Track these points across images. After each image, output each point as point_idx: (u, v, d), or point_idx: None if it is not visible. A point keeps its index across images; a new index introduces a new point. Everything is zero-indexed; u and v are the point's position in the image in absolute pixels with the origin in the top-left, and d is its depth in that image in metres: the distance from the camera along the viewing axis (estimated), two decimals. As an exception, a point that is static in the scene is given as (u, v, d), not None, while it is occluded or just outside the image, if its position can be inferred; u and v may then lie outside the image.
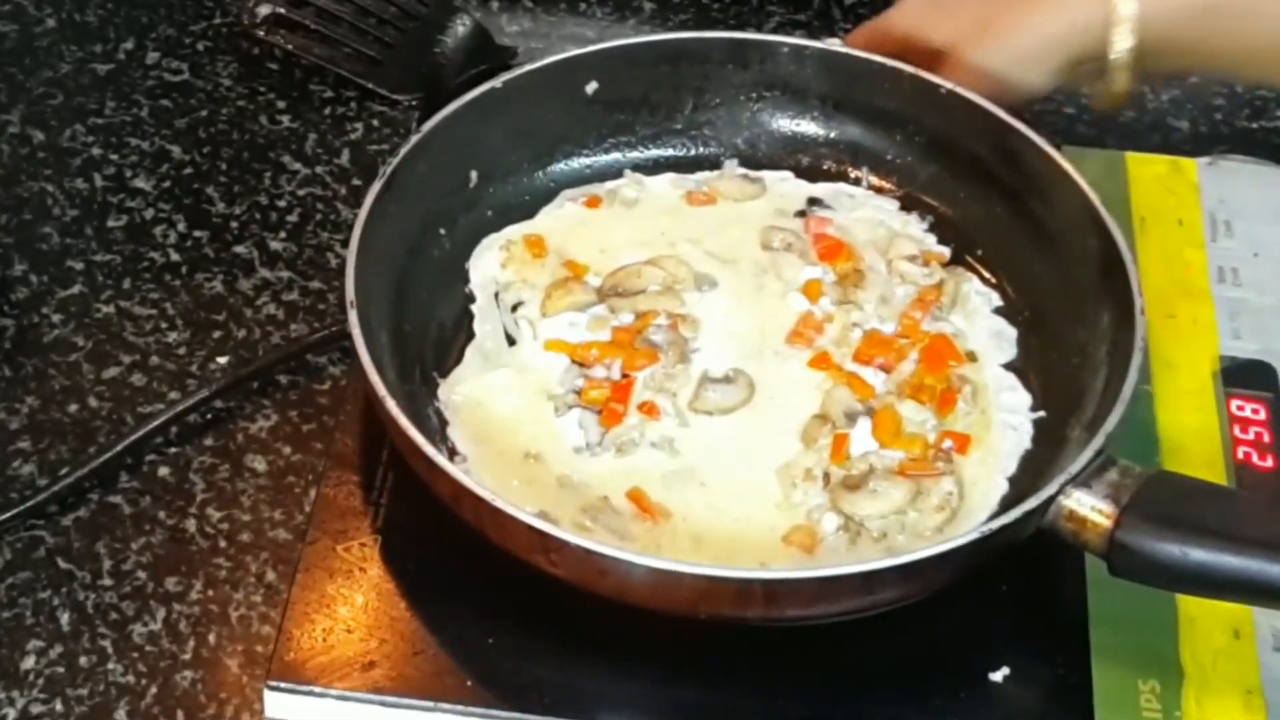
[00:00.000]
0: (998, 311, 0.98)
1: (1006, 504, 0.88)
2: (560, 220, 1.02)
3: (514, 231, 1.01)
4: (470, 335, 0.96)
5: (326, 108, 1.17)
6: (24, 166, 1.12)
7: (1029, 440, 0.92)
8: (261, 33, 1.19)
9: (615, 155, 1.06)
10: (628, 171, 1.05)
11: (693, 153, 1.06)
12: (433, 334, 0.96)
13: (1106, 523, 0.81)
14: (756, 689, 0.85)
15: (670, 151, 1.06)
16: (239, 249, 1.08)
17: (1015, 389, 0.94)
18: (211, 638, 0.90)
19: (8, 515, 0.93)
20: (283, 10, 1.18)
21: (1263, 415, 0.94)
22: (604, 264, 0.99)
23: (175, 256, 1.08)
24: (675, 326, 0.96)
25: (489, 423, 0.92)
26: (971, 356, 0.96)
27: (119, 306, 1.04)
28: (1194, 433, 0.94)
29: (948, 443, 0.91)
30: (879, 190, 1.05)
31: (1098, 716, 0.83)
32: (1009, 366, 0.96)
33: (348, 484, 0.91)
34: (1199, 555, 0.78)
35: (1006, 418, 0.93)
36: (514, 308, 0.97)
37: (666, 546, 0.87)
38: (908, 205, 1.04)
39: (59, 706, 0.87)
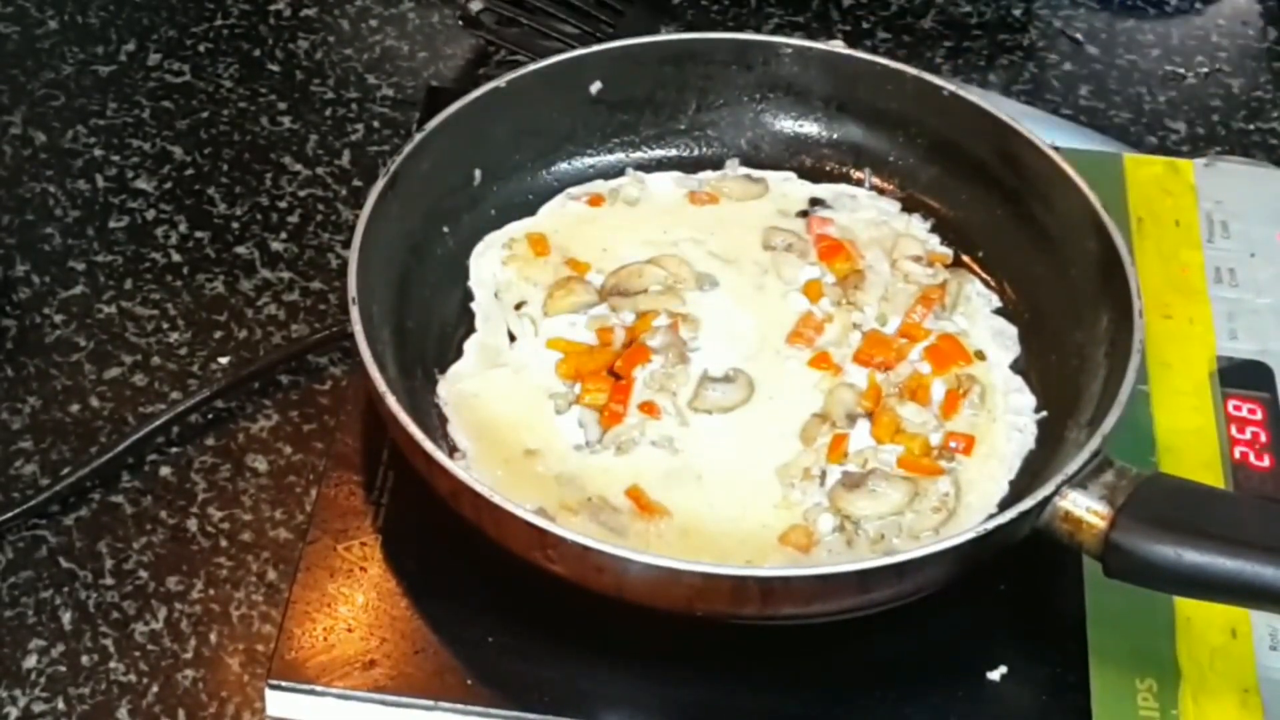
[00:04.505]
0: (998, 313, 0.99)
1: (1005, 505, 0.88)
2: (563, 218, 1.03)
3: (516, 229, 1.01)
4: (472, 332, 0.96)
5: (327, 109, 1.17)
6: (26, 167, 1.13)
7: (1033, 441, 0.92)
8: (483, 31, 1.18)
9: (619, 155, 1.06)
10: (630, 170, 1.05)
11: (696, 153, 1.06)
12: (434, 331, 0.96)
13: (1101, 524, 0.81)
14: (756, 689, 0.85)
15: (674, 151, 1.06)
16: (240, 250, 1.08)
17: (1022, 391, 0.95)
18: (213, 637, 0.90)
19: (10, 515, 0.93)
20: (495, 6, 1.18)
21: (1260, 415, 0.94)
22: (606, 262, 1.00)
23: (177, 257, 1.08)
24: (676, 326, 0.96)
25: (489, 419, 0.92)
26: (980, 355, 0.96)
27: (120, 307, 1.05)
28: (1191, 433, 0.94)
29: (954, 443, 0.92)
30: (881, 191, 1.05)
31: (1095, 715, 0.83)
32: (1012, 367, 0.96)
33: (348, 483, 0.91)
34: (1193, 557, 0.78)
35: (1013, 419, 0.93)
36: (517, 306, 0.97)
37: (664, 544, 0.87)
38: (909, 207, 1.04)
39: (61, 705, 0.87)
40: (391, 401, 0.84)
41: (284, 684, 0.84)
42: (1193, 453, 0.93)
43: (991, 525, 0.81)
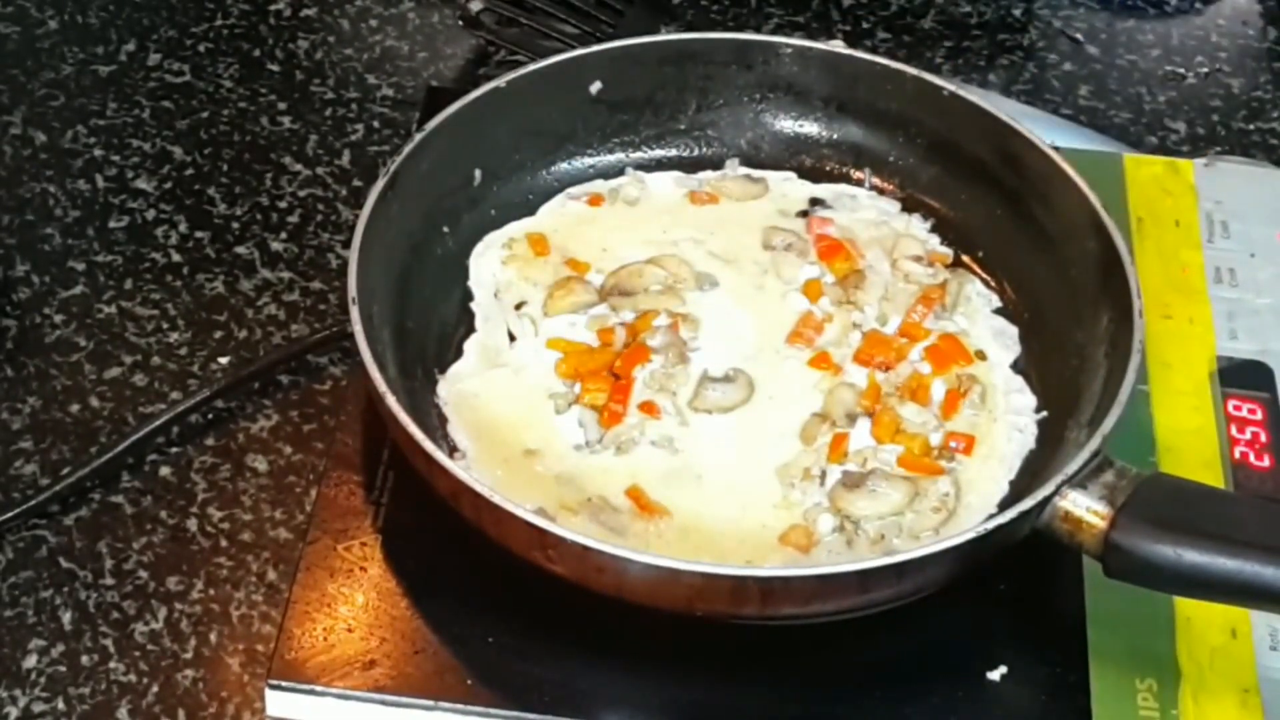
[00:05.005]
0: (998, 313, 0.99)
1: (1005, 504, 0.88)
2: (562, 218, 1.03)
3: (516, 229, 1.01)
4: (472, 332, 0.96)
5: (327, 109, 1.17)
6: (26, 167, 1.13)
7: (1033, 441, 0.92)
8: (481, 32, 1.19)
9: (619, 155, 1.06)
10: (629, 169, 1.05)
11: (696, 153, 1.06)
12: (435, 331, 0.96)
13: (1101, 524, 0.81)
14: (756, 689, 0.85)
15: (674, 152, 1.06)
16: (240, 250, 1.08)
17: (1023, 391, 0.95)
18: (213, 637, 0.90)
19: (10, 515, 0.93)
20: (495, 7, 1.18)
21: (1260, 415, 0.94)
22: (606, 262, 1.00)
23: (177, 257, 1.08)
24: (676, 326, 0.96)
25: (489, 419, 0.92)
26: (981, 355, 0.96)
27: (121, 307, 1.05)
28: (1191, 433, 0.94)
29: (954, 443, 0.92)
30: (881, 191, 1.05)
31: (1095, 715, 0.83)
32: (1013, 367, 0.96)
33: (348, 483, 0.91)
34: (1193, 557, 0.78)
35: (1013, 419, 0.93)
36: (517, 306, 0.97)
37: (664, 544, 0.87)
38: (909, 207, 1.04)
39: (61, 705, 0.87)
40: (391, 401, 0.84)
41: (284, 684, 0.84)
42: (1193, 453, 0.93)
43: (991, 525, 0.81)
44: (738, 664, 0.85)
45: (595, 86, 1.03)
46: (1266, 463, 0.92)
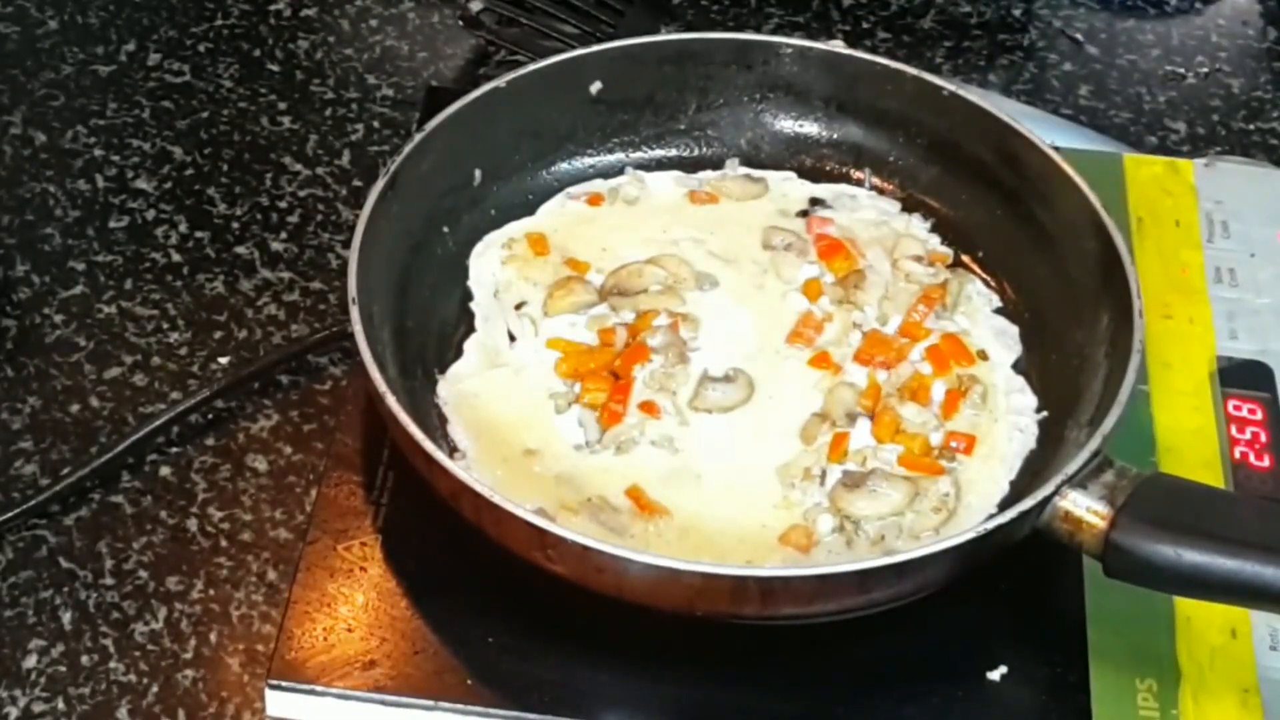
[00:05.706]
0: (998, 313, 0.99)
1: (1005, 504, 0.88)
2: (562, 218, 1.03)
3: (515, 229, 1.01)
4: (472, 332, 0.96)
5: (327, 109, 1.17)
6: (26, 167, 1.13)
7: (1034, 441, 0.92)
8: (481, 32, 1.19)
9: (619, 155, 1.06)
10: (629, 169, 1.05)
11: (696, 153, 1.06)
12: (435, 331, 0.96)
13: (1101, 524, 0.81)
14: (756, 689, 0.85)
15: (673, 152, 1.06)
16: (240, 250, 1.08)
17: (1024, 391, 0.95)
18: (213, 637, 0.90)
19: (10, 515, 0.93)
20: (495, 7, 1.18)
21: (1260, 415, 0.94)
22: (605, 262, 1.00)
23: (177, 257, 1.08)
24: (676, 326, 0.96)
25: (488, 419, 0.92)
26: (983, 355, 0.96)
27: (121, 307, 1.05)
28: (1191, 433, 0.94)
29: (955, 443, 0.92)
30: (881, 191, 1.05)
31: (1095, 715, 0.83)
32: (1013, 367, 0.96)
33: (348, 483, 0.91)
34: (1193, 557, 0.78)
35: (1014, 419, 0.93)
36: (517, 306, 0.97)
37: (664, 544, 0.87)
38: (909, 207, 1.04)
39: (61, 705, 0.87)
40: (391, 401, 0.84)
41: (284, 684, 0.84)
42: (1193, 453, 0.93)
43: (991, 525, 0.81)
44: (738, 664, 0.85)
45: (595, 86, 1.03)
46: (1266, 463, 0.92)
